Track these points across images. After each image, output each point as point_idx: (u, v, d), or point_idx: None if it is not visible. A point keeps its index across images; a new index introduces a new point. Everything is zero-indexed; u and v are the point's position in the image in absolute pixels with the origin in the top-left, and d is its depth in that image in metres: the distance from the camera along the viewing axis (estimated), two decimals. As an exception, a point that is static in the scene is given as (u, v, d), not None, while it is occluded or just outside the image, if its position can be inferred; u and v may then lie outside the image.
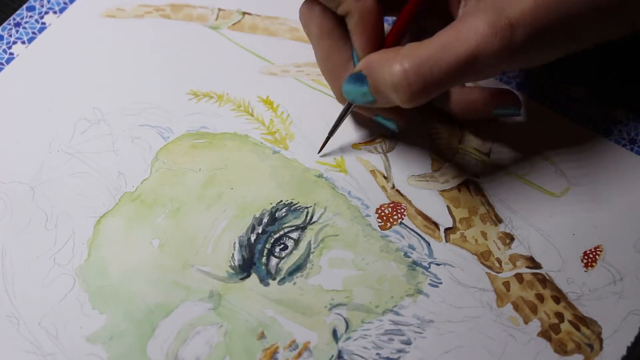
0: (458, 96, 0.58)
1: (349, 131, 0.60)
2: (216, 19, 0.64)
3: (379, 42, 0.54)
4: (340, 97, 0.58)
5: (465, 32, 0.49)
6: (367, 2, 0.53)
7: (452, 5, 0.54)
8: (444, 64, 0.49)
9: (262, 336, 0.52)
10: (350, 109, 0.57)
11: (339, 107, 0.60)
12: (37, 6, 0.64)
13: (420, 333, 0.53)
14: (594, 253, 0.55)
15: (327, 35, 0.56)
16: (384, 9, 0.55)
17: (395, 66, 0.50)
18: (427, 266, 0.55)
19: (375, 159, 0.59)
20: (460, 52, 0.48)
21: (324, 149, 0.59)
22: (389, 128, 0.58)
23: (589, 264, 0.55)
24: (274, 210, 0.56)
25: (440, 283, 0.54)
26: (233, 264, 0.54)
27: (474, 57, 0.48)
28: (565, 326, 0.53)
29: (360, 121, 0.60)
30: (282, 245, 0.55)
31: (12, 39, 0.62)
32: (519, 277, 0.55)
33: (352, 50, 0.55)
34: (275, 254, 0.55)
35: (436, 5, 0.55)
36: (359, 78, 0.53)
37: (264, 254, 0.54)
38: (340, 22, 0.55)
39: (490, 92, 0.57)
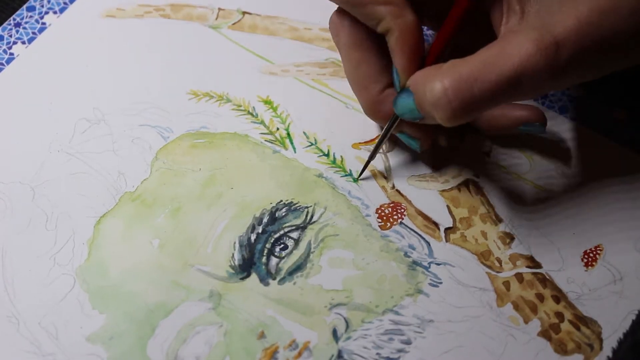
0: None
1: (349, 131, 0.60)
2: (216, 19, 0.64)
3: (420, 58, 0.52)
4: (368, 109, 0.56)
5: (510, 50, 0.47)
6: (408, 19, 0.51)
7: (495, 21, 0.52)
8: (486, 82, 0.47)
9: (262, 336, 0.52)
10: (391, 128, 0.55)
11: (339, 107, 0.60)
12: (37, 6, 0.64)
13: (420, 333, 0.53)
14: (594, 252, 0.55)
15: (358, 46, 0.55)
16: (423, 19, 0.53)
17: (436, 84, 0.48)
18: (427, 266, 0.55)
19: (375, 159, 0.59)
20: (504, 70, 0.46)
21: (363, 173, 0.59)
22: (411, 146, 0.57)
23: (589, 263, 0.55)
24: (274, 210, 0.56)
25: (441, 283, 0.54)
26: (233, 264, 0.54)
27: (518, 76, 0.46)
28: (565, 326, 0.53)
29: (360, 121, 0.60)
30: (282, 245, 0.55)
31: (12, 39, 0.62)
32: (519, 277, 0.55)
33: (393, 69, 0.53)
34: (276, 253, 0.55)
35: (477, 21, 0.53)
36: (408, 94, 0.51)
37: (264, 254, 0.54)
38: (370, 33, 0.54)
39: (516, 108, 0.56)
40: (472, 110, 0.48)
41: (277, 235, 0.55)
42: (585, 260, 0.55)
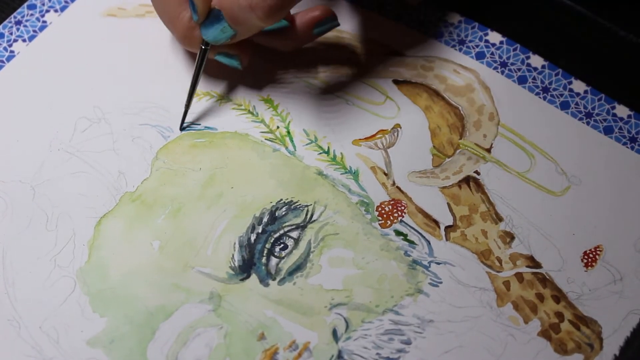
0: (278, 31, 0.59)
1: (348, 128, 0.60)
2: (216, 16, 0.64)
3: None
4: (184, 38, 0.58)
5: None
6: None
7: None
8: None
9: (262, 337, 0.52)
10: (204, 59, 0.58)
11: (339, 103, 0.60)
12: (38, 4, 0.64)
13: (420, 333, 0.53)
14: (594, 253, 0.55)
15: None
16: None
17: None
18: (428, 265, 0.55)
19: (375, 155, 0.59)
20: None
21: (185, 121, 0.60)
22: (232, 66, 0.59)
23: (589, 263, 0.55)
24: (274, 209, 0.56)
25: (441, 282, 0.54)
26: (233, 265, 0.54)
27: None
28: (565, 326, 0.53)
29: (360, 117, 0.60)
30: (282, 245, 0.55)
31: (12, 37, 0.62)
32: (519, 277, 0.55)
33: (190, 3, 0.55)
34: (275, 253, 0.55)
35: None
36: (215, 16, 0.54)
37: (264, 254, 0.54)
38: None
39: (302, 16, 0.59)
40: (286, 3, 0.53)
41: (277, 235, 0.55)
42: (585, 261, 0.55)
